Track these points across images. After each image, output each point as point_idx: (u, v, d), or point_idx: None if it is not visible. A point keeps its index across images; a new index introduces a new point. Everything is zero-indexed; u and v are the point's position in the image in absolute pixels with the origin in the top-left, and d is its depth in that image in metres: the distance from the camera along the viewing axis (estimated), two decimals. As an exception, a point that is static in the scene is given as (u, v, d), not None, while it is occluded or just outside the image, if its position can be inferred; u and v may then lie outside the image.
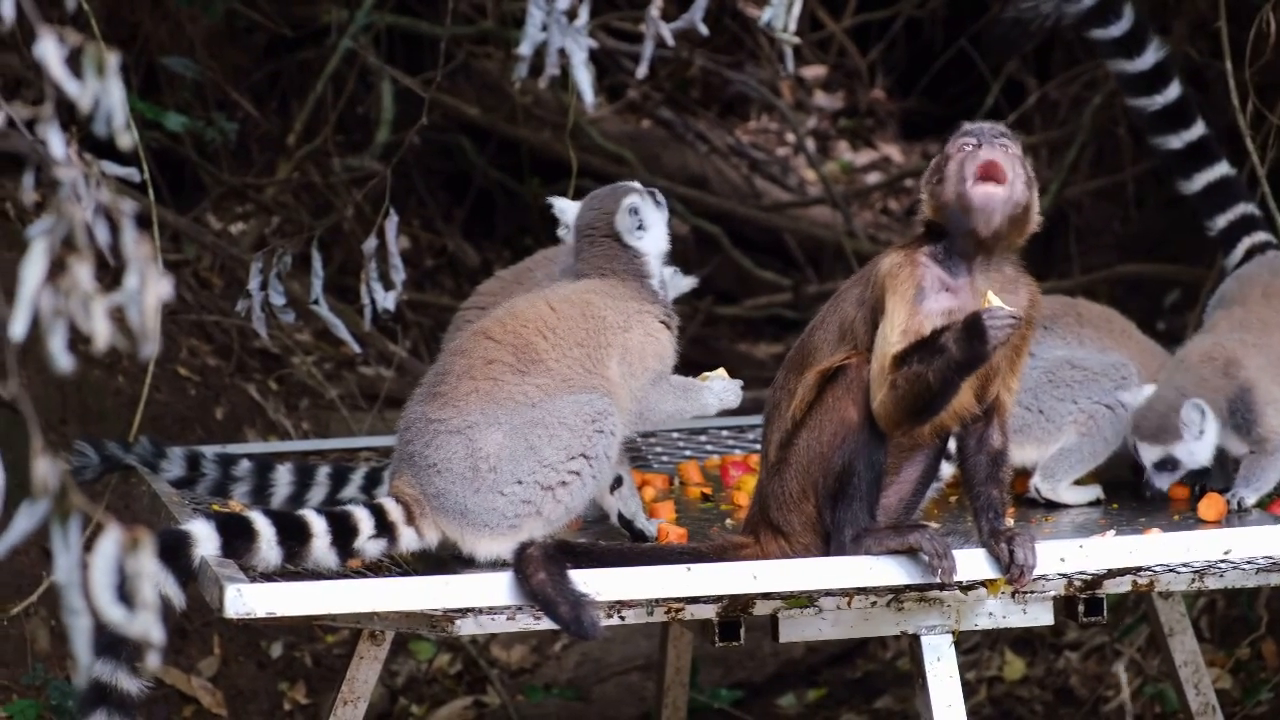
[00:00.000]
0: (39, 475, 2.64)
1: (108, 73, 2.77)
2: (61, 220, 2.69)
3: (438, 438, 4.54)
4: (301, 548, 4.35)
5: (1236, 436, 5.07)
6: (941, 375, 4.20)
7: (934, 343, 4.20)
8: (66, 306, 2.68)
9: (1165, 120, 5.50)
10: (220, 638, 7.31)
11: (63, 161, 2.75)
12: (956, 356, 4.18)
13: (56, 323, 2.68)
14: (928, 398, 4.24)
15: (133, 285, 2.71)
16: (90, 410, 7.24)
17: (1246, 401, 5.04)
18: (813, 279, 10.87)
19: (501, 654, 8.06)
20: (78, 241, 2.70)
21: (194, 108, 8.80)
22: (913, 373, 4.21)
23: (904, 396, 4.24)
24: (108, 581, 2.67)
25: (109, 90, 2.78)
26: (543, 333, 4.65)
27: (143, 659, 4.10)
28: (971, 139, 4.33)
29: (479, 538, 4.52)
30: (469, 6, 10.01)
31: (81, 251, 2.68)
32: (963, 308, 4.31)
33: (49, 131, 2.79)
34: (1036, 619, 4.58)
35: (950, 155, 4.35)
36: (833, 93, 12.83)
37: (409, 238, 10.30)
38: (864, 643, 8.12)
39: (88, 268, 2.68)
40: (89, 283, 2.68)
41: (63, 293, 2.68)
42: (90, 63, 2.76)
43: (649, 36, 3.74)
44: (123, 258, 2.73)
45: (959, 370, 4.20)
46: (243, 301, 5.80)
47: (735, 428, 6.27)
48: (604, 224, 4.89)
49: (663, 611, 4.40)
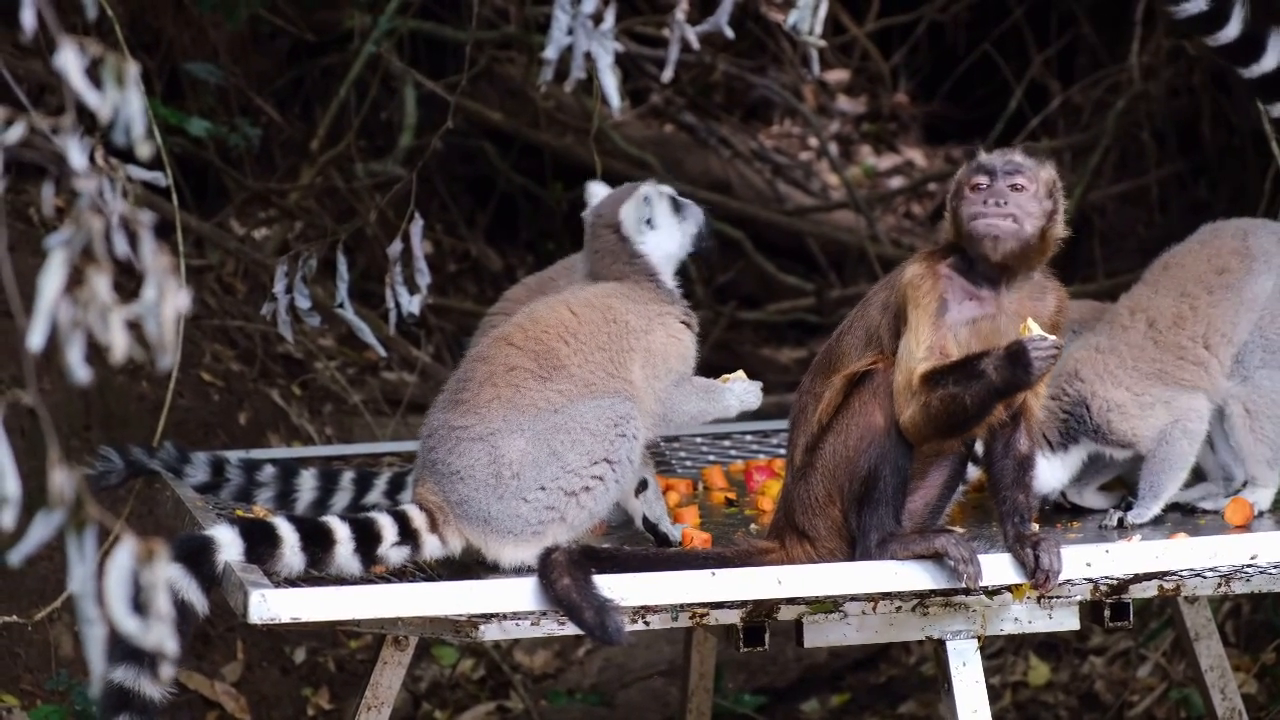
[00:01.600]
0: (55, 485, 2.64)
1: (127, 82, 2.76)
2: (80, 231, 2.68)
3: (460, 445, 4.53)
4: (325, 554, 4.35)
5: (1108, 445, 5.02)
6: (979, 399, 4.21)
7: (973, 367, 4.21)
8: (84, 317, 2.68)
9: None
10: (244, 643, 7.32)
11: (83, 172, 2.75)
12: (996, 383, 4.19)
13: (74, 334, 2.68)
14: (962, 418, 4.26)
15: (151, 297, 2.71)
16: (114, 416, 7.25)
17: (1089, 412, 4.99)
18: (836, 283, 10.86)
19: (525, 659, 8.06)
20: (96, 252, 2.69)
21: (217, 113, 8.81)
22: (948, 394, 4.22)
23: (937, 416, 4.25)
24: (122, 592, 2.67)
25: (129, 100, 2.77)
26: (564, 338, 4.64)
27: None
28: (984, 176, 4.37)
29: (503, 544, 4.52)
30: (492, 11, 10.03)
31: (100, 262, 2.67)
32: (988, 316, 4.31)
33: (69, 141, 2.79)
34: (1062, 624, 4.57)
35: (964, 186, 4.38)
36: (856, 97, 12.82)
37: (431, 242, 10.30)
38: (888, 647, 8.10)
39: (106, 279, 2.68)
40: (107, 294, 2.67)
41: (81, 304, 2.67)
42: (110, 73, 2.76)
43: (674, 39, 3.73)
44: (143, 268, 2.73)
45: (997, 395, 4.23)
46: (268, 305, 5.80)
47: (759, 432, 6.26)
48: (609, 213, 4.88)
49: (687, 616, 4.39)
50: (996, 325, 4.34)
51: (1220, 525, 4.92)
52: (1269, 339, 5.05)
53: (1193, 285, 5.08)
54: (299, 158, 9.37)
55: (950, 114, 12.60)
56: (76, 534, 2.68)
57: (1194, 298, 5.06)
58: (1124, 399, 4.99)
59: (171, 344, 2.70)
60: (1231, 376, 5.05)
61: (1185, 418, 4.99)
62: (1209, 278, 5.08)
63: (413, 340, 9.07)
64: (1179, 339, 5.03)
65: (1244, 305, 5.05)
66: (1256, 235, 5.14)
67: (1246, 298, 5.05)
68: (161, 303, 2.70)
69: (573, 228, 10.45)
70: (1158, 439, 4.97)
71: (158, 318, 2.70)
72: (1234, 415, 5.04)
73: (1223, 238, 5.16)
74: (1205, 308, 5.04)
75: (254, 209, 9.21)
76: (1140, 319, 5.08)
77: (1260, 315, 5.05)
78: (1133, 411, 4.99)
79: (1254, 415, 5.02)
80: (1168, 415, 4.98)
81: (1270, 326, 5.05)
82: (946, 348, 4.27)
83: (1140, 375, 5.01)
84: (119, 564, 2.66)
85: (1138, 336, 5.05)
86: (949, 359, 4.26)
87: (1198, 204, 9.34)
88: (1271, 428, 5.02)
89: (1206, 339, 5.03)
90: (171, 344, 2.70)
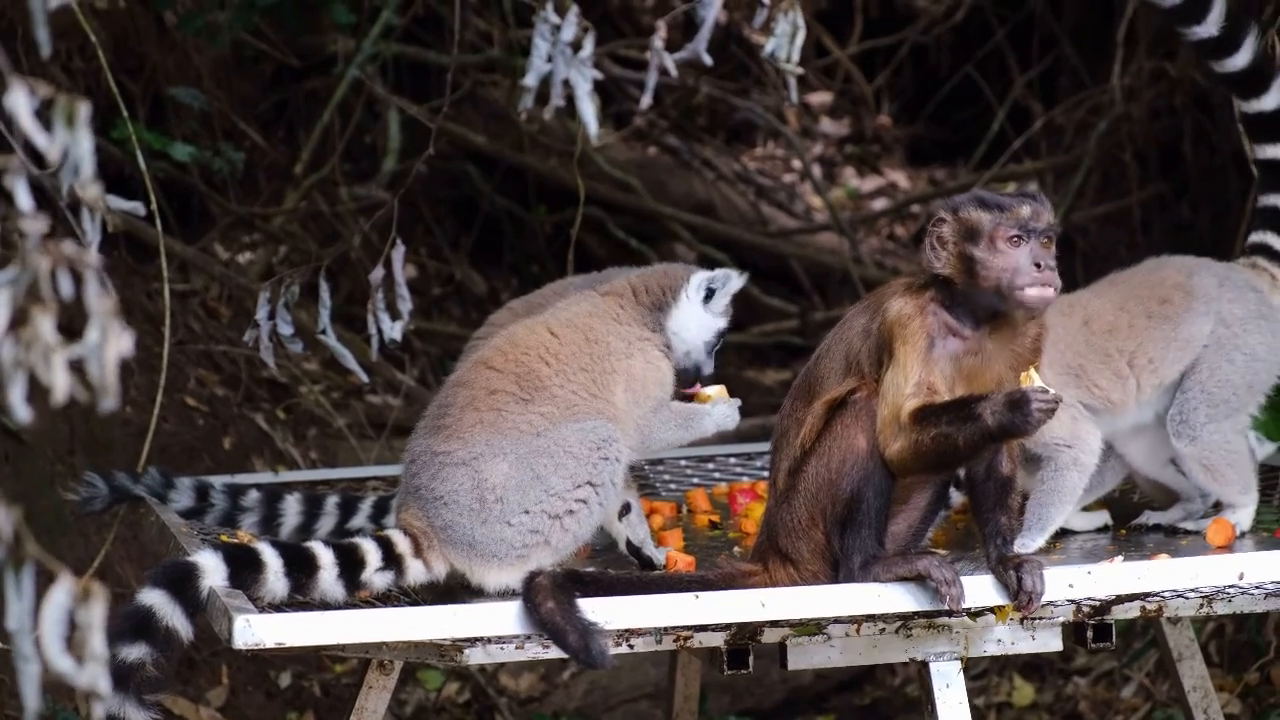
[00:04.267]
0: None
1: (78, 123, 2.76)
2: (26, 270, 2.67)
3: (443, 470, 4.54)
4: (309, 579, 4.35)
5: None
6: (971, 442, 4.20)
7: (969, 409, 4.19)
8: (27, 358, 2.67)
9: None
10: (228, 667, 7.31)
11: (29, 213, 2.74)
12: (992, 428, 4.17)
13: (16, 373, 2.67)
14: (952, 458, 4.25)
15: (94, 339, 2.70)
16: (98, 441, 7.24)
17: None
18: (819, 305, 10.89)
19: (510, 682, 8.06)
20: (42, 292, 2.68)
21: (201, 138, 8.82)
22: (941, 434, 4.21)
23: (927, 454, 4.25)
24: (57, 631, 2.67)
25: (78, 140, 2.77)
26: (545, 359, 4.65)
27: (153, 690, 4.11)
28: (1015, 229, 4.29)
29: (487, 568, 4.53)
30: (476, 35, 10.05)
31: (45, 303, 2.67)
32: (971, 352, 4.30)
33: (16, 183, 2.78)
34: (1045, 645, 4.57)
35: (993, 237, 4.32)
36: (839, 119, 12.86)
37: (416, 266, 10.32)
38: (873, 669, 8.11)
39: (50, 319, 2.67)
40: (50, 335, 2.67)
41: (24, 343, 2.67)
42: (60, 113, 2.75)
43: (653, 66, 3.75)
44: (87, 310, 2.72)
45: (991, 440, 4.21)
46: (251, 331, 5.80)
47: (743, 455, 6.27)
48: (676, 278, 4.94)
49: (671, 639, 4.39)
50: (980, 361, 4.32)
51: (1202, 546, 4.93)
52: (1210, 393, 5.04)
53: (1134, 304, 5.09)
54: (283, 182, 9.38)
55: (933, 135, 12.64)
56: (15, 571, 2.68)
57: (1132, 315, 5.07)
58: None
59: (113, 386, 2.69)
60: (1179, 437, 5.04)
61: (1081, 448, 4.98)
62: (1150, 303, 5.08)
63: (397, 364, 9.08)
64: (1107, 345, 5.04)
65: (1177, 342, 5.04)
66: (1199, 275, 5.12)
67: (1181, 335, 5.05)
68: (104, 345, 2.69)
69: (557, 251, 10.50)
70: (1048, 458, 4.96)
71: (100, 359, 2.69)
72: (1194, 473, 5.05)
73: (1168, 270, 5.17)
74: (1141, 328, 5.05)
75: (238, 233, 9.21)
76: (1078, 314, 5.08)
77: (1199, 369, 5.05)
78: None
79: (1214, 469, 5.02)
80: (1067, 430, 4.95)
81: (1210, 380, 5.04)
82: (934, 384, 4.26)
83: (1061, 367, 5.00)
84: (55, 602, 2.66)
85: (1071, 327, 5.04)
86: (937, 396, 4.25)
87: (1180, 225, 9.38)
88: (1234, 471, 5.03)
89: (1133, 357, 5.03)
90: (113, 386, 2.69)
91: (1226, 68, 5.19)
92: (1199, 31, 5.14)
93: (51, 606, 2.66)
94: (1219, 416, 5.03)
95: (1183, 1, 5.12)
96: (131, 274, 8.03)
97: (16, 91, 2.70)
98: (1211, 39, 5.15)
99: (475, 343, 5.40)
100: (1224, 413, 5.03)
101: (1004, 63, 11.57)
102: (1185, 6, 5.13)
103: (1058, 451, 4.94)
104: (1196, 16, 5.13)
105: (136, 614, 4.14)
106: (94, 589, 2.66)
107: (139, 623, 4.13)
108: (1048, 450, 4.95)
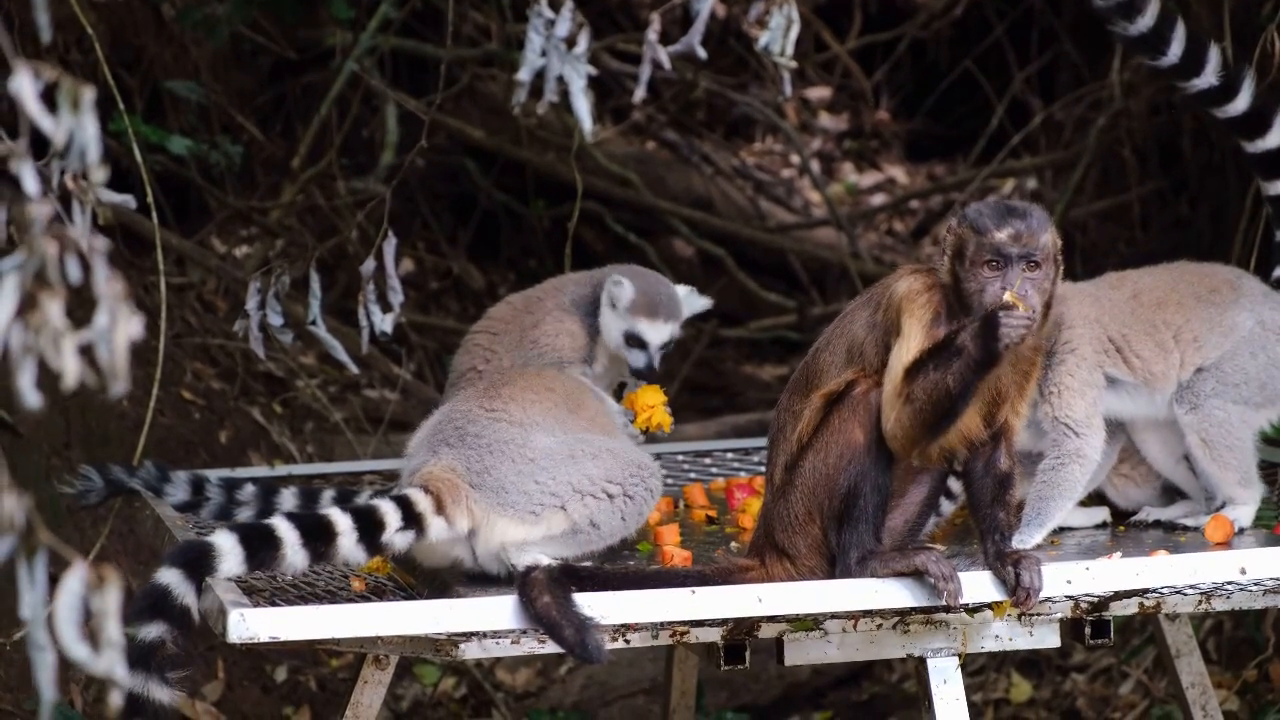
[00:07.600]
0: (5, 512, 2.62)
1: (83, 107, 2.74)
2: (34, 256, 2.66)
3: (497, 424, 4.66)
4: (327, 548, 4.31)
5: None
6: (961, 378, 4.18)
7: (950, 345, 4.20)
8: (36, 343, 2.66)
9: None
10: (224, 661, 7.30)
11: (36, 197, 2.72)
12: (974, 354, 4.17)
13: (26, 359, 2.66)
14: (946, 404, 4.22)
15: (103, 323, 2.68)
16: (94, 434, 7.23)
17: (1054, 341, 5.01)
18: (817, 300, 10.87)
19: (506, 677, 8.05)
20: (50, 277, 2.67)
21: (198, 131, 8.80)
22: (929, 381, 4.20)
23: (921, 408, 4.23)
24: (72, 618, 2.65)
25: (84, 125, 2.75)
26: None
27: (174, 668, 4.10)
28: (991, 254, 4.27)
29: (502, 517, 4.55)
30: (473, 29, 10.03)
31: (53, 287, 2.65)
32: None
33: (22, 168, 2.76)
34: (1043, 641, 4.56)
35: (971, 257, 4.28)
36: (837, 114, 12.84)
37: (413, 260, 10.31)
38: (870, 665, 8.10)
39: (58, 304, 2.66)
40: (59, 319, 2.65)
41: (33, 329, 2.65)
42: (65, 98, 2.74)
43: (646, 59, 3.74)
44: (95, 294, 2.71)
45: (978, 369, 4.19)
46: (240, 322, 5.79)
47: (740, 450, 6.26)
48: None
49: (668, 635, 4.39)
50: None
51: (1201, 542, 4.92)
52: (1224, 372, 5.05)
53: (1185, 286, 5.13)
54: (280, 175, 9.37)
55: (932, 131, 12.63)
56: (27, 560, 2.66)
57: (1182, 295, 5.11)
58: (1073, 365, 4.99)
59: (124, 370, 2.67)
60: (1181, 403, 5.05)
61: (1087, 439, 4.96)
62: (1200, 289, 5.13)
63: (394, 358, 9.07)
64: (1155, 318, 5.05)
65: (1221, 327, 5.07)
66: (1249, 280, 5.23)
67: (1226, 323, 5.07)
68: (114, 329, 2.68)
69: (554, 245, 10.48)
70: (1052, 444, 4.95)
71: (110, 344, 2.67)
72: (1193, 447, 5.04)
73: (1219, 268, 5.27)
74: (1190, 307, 5.08)
75: (235, 227, 9.20)
76: (1128, 288, 5.12)
77: (1224, 351, 5.07)
78: (1071, 384, 4.99)
79: (1211, 445, 5.02)
80: (1083, 413, 4.95)
81: (1228, 362, 5.06)
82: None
83: (1103, 341, 5.00)
84: (69, 590, 2.64)
85: (1119, 300, 5.08)
86: None
87: (1179, 221, 9.36)
88: (1232, 455, 5.03)
89: (1179, 331, 5.05)
90: (124, 370, 2.67)
91: (1228, 113, 5.30)
92: (1198, 83, 5.24)
93: (66, 594, 2.65)
94: (1224, 394, 5.03)
95: (1180, 59, 5.20)
96: (128, 267, 8.02)
97: (21, 75, 2.69)
98: (1212, 89, 5.24)
99: (474, 336, 5.40)
100: (1231, 395, 5.04)
101: (1003, 58, 11.56)
102: (1183, 62, 5.22)
103: (1065, 436, 4.93)
104: (1195, 70, 5.22)
105: (153, 592, 4.13)
106: (109, 575, 2.64)
107: (155, 601, 4.11)
108: (1055, 430, 4.94)
